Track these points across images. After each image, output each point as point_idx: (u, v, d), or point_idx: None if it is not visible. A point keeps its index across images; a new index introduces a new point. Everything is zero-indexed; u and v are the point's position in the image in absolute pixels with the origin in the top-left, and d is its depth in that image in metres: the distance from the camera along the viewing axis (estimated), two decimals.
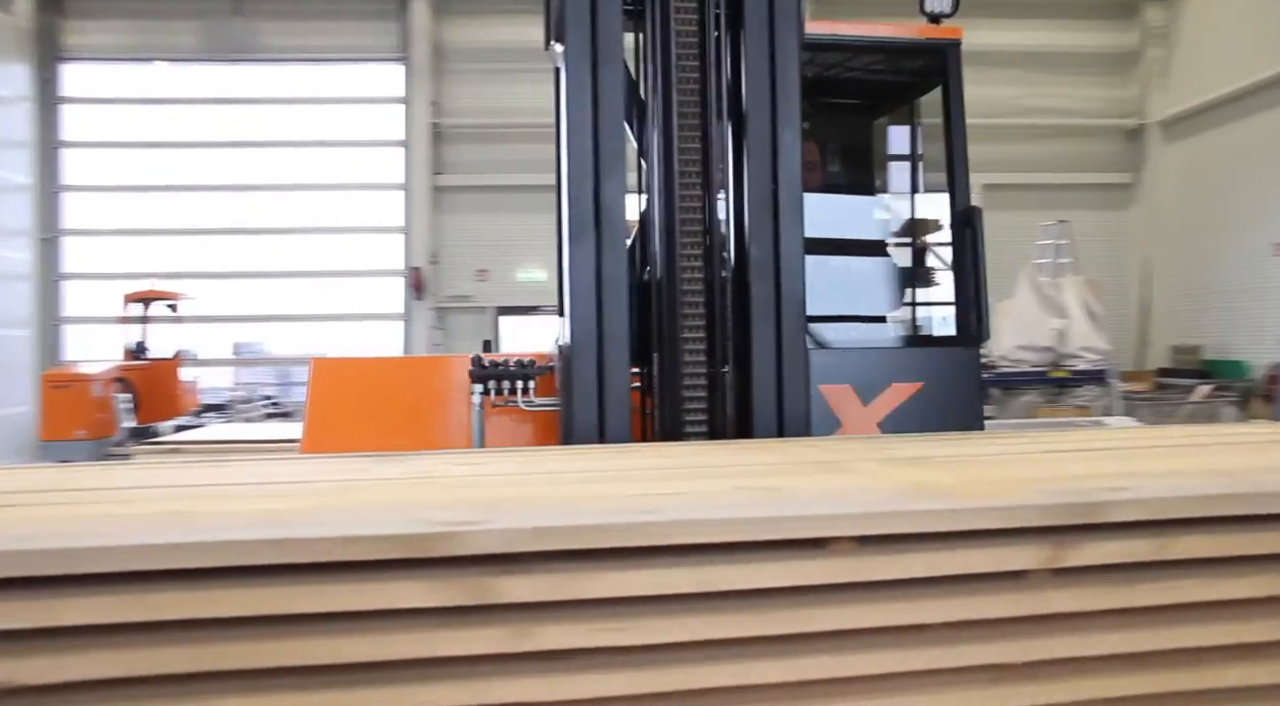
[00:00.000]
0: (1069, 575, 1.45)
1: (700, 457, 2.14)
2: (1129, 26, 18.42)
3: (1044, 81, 18.11)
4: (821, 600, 1.41)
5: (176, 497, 1.67)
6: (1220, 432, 2.78)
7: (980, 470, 1.84)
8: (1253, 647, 1.51)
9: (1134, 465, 1.96)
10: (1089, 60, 18.30)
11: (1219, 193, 15.93)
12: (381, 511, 1.45)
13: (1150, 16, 17.99)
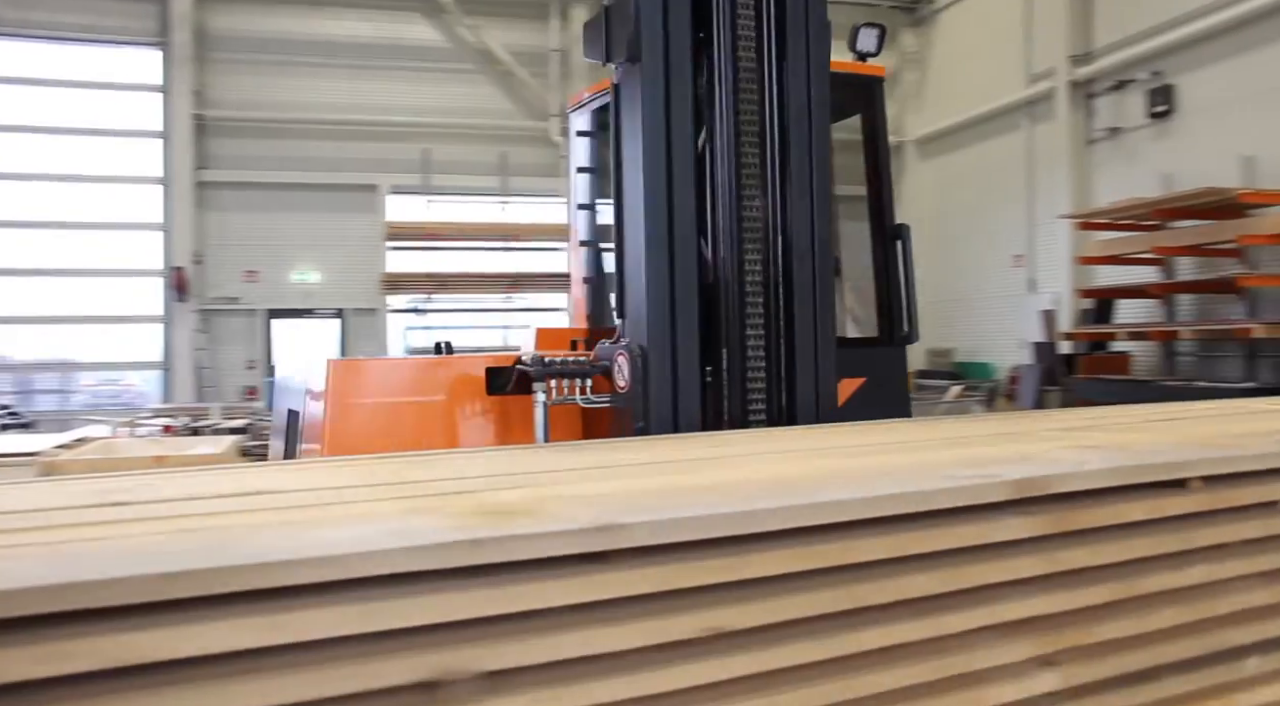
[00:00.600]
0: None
1: (819, 441, 2.26)
2: (888, 51, 19.62)
3: None
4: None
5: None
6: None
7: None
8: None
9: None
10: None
11: (967, 207, 17.23)
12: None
13: (906, 42, 19.25)
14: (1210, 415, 2.78)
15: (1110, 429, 2.43)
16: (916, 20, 19.19)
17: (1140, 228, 12.14)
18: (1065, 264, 14.36)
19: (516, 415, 3.16)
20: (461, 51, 17.32)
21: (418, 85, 17.01)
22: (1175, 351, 12.79)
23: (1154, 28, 12.94)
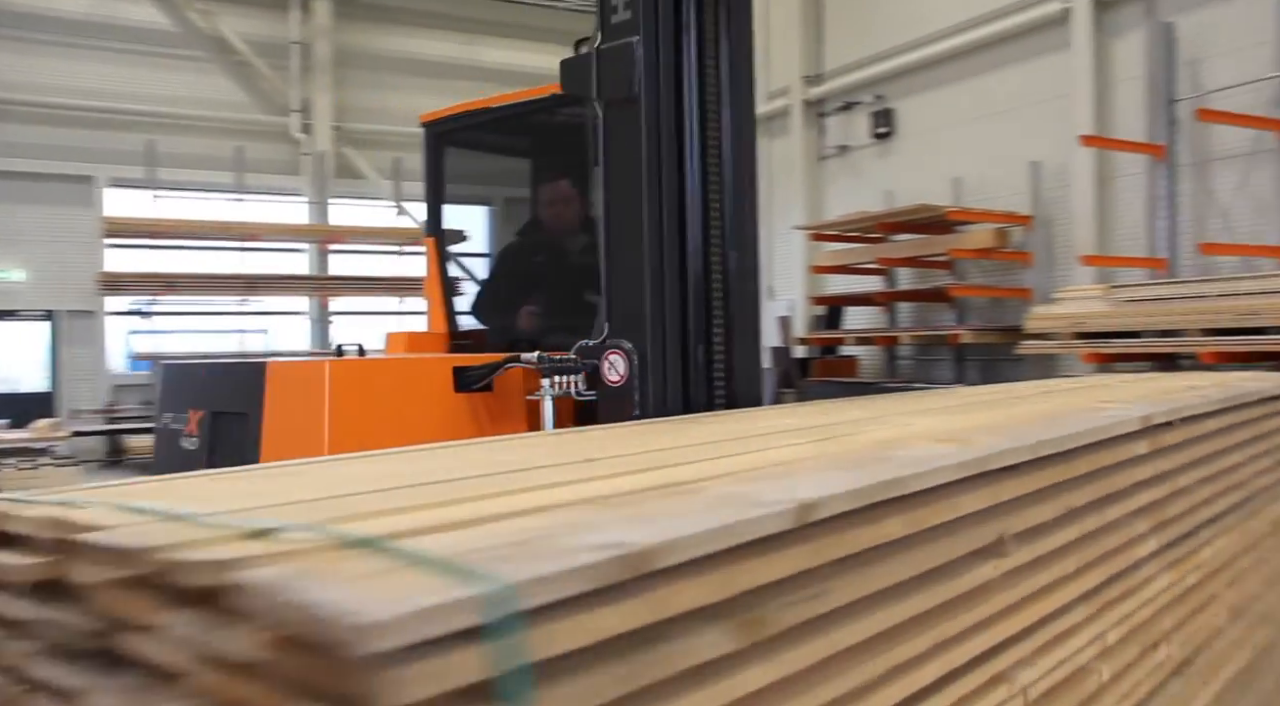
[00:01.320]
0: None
1: (806, 419, 2.43)
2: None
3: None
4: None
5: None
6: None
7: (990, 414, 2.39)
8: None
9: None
10: None
11: None
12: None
13: None
14: (1028, 395, 3.11)
15: (1000, 406, 2.69)
16: None
17: (865, 240, 13.05)
18: (800, 272, 15.20)
19: (484, 410, 3.42)
20: (192, 37, 16.21)
21: (141, 70, 15.75)
22: (896, 355, 13.84)
23: (876, 55, 13.96)
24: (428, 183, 4.38)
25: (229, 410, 3.28)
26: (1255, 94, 9.74)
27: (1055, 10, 11.69)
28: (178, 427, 3.34)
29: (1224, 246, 9.74)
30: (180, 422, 3.33)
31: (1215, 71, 10.23)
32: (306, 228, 16.60)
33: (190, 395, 3.41)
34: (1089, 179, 11.27)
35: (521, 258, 4.74)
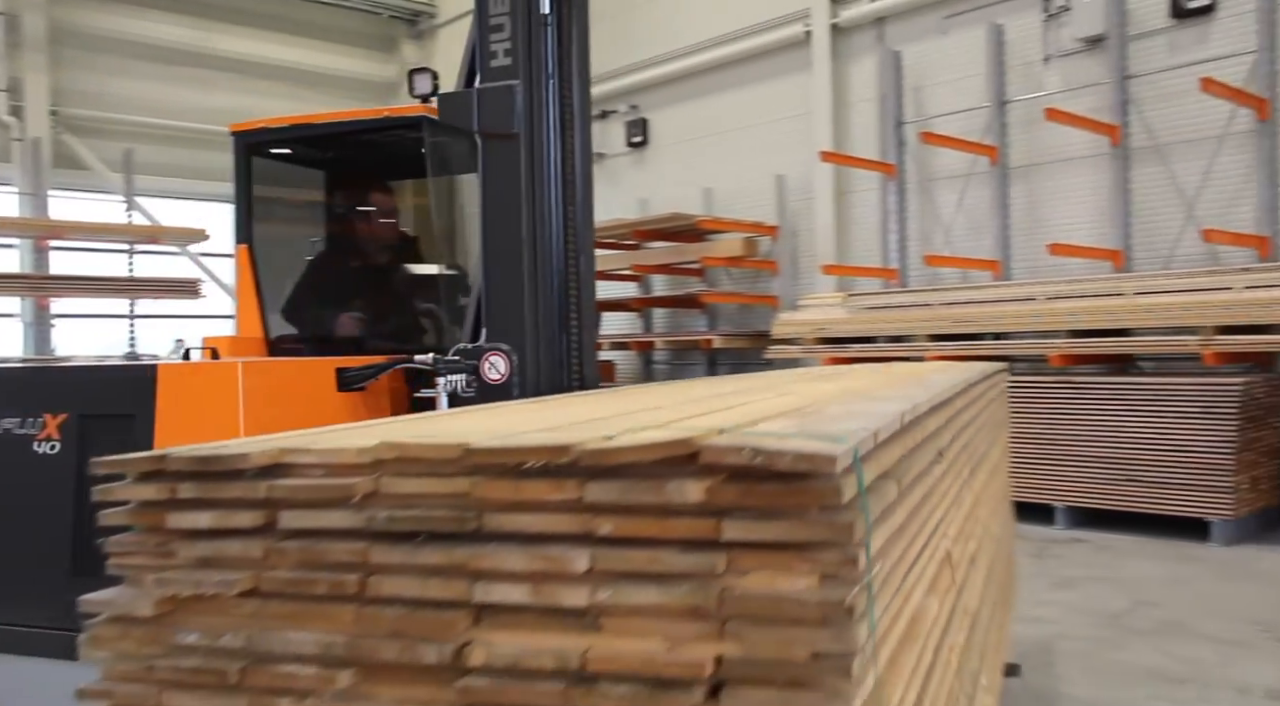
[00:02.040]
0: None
1: (672, 395, 2.53)
2: (390, 59, 19.57)
3: (313, 100, 18.39)
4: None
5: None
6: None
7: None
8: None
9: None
10: (355, 86, 19.03)
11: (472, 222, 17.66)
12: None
13: (407, 53, 19.35)
14: (822, 376, 3.48)
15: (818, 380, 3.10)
16: (418, 33, 19.36)
17: (621, 246, 13.27)
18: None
19: (363, 408, 3.66)
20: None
21: None
22: (652, 359, 14.16)
23: (631, 65, 14.23)
24: (237, 191, 4.53)
25: (105, 412, 3.28)
26: (971, 120, 10.66)
27: (798, 32, 12.32)
28: (25, 432, 3.28)
29: (945, 259, 10.59)
30: (28, 427, 3.27)
31: (937, 98, 11.11)
32: (19, 221, 15.00)
33: (40, 399, 3.32)
34: (829, 193, 11.96)
35: (336, 266, 4.80)
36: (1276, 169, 8.58)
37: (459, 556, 1.40)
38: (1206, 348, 7.81)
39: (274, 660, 1.50)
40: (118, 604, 1.60)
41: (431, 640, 1.41)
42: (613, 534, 1.33)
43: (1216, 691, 4.43)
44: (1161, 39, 9.35)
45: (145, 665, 1.58)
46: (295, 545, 1.50)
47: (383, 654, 1.44)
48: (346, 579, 1.46)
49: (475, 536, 1.40)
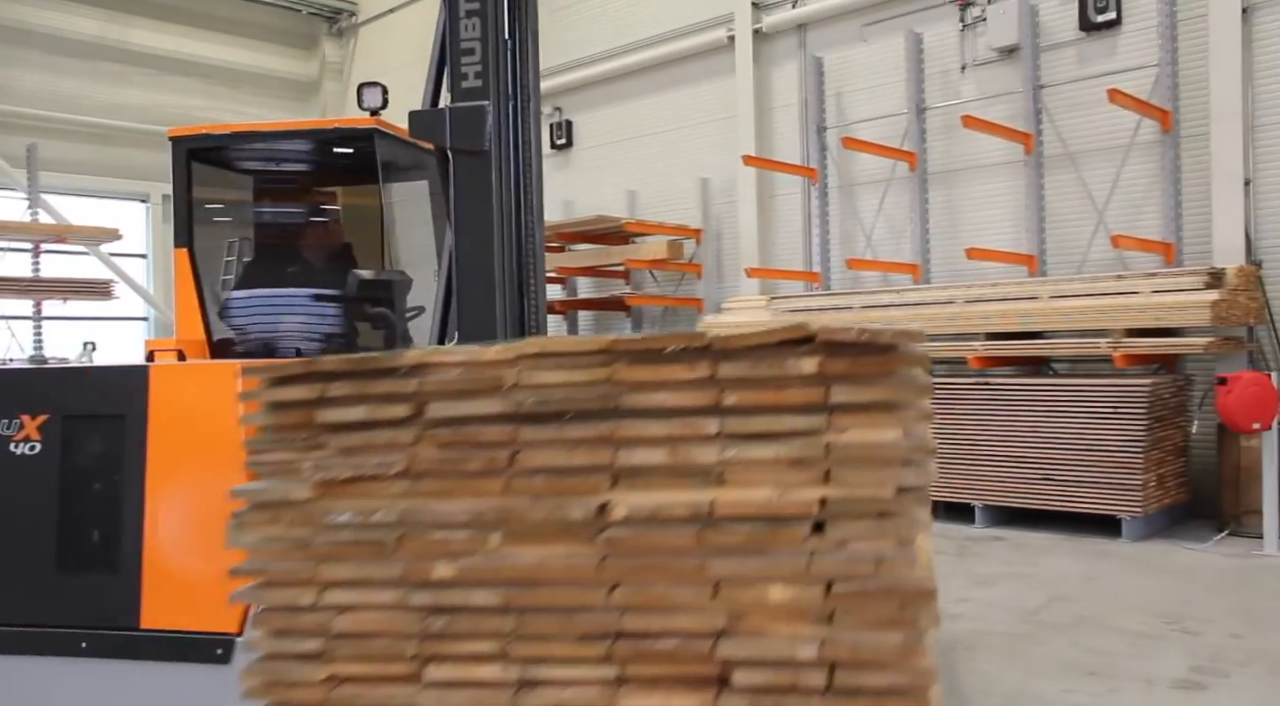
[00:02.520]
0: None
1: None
2: (310, 57, 19.22)
3: (230, 97, 17.96)
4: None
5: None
6: None
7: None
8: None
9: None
10: (274, 83, 18.64)
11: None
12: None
13: (328, 51, 19.01)
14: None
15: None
16: (339, 30, 19.04)
17: (546, 249, 13.17)
18: None
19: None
20: None
21: None
22: None
23: (555, 67, 14.15)
24: (176, 195, 4.56)
25: (92, 413, 3.31)
26: (891, 126, 10.84)
27: (721, 37, 12.40)
28: (2, 434, 3.31)
29: (866, 262, 10.75)
30: (5, 429, 3.31)
31: (858, 104, 11.28)
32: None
33: (20, 400, 3.35)
34: (752, 197, 12.05)
35: (274, 270, 4.82)
36: (1180, 178, 8.89)
37: (602, 429, 1.77)
38: (1116, 350, 8.05)
39: (427, 528, 1.83)
40: (266, 493, 1.93)
41: (577, 501, 1.76)
42: (738, 404, 1.72)
43: (1127, 683, 4.56)
44: (1071, 50, 9.62)
45: (298, 543, 1.89)
46: (446, 431, 1.85)
47: (532, 515, 1.79)
48: (497, 455, 1.81)
49: (615, 413, 1.77)
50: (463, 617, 1.83)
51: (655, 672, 1.74)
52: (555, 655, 1.80)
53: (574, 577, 1.77)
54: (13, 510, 3.26)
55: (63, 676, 3.14)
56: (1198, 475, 8.60)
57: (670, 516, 1.70)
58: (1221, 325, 7.79)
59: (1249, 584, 6.38)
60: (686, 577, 1.72)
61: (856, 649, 1.65)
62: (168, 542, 3.17)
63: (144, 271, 16.85)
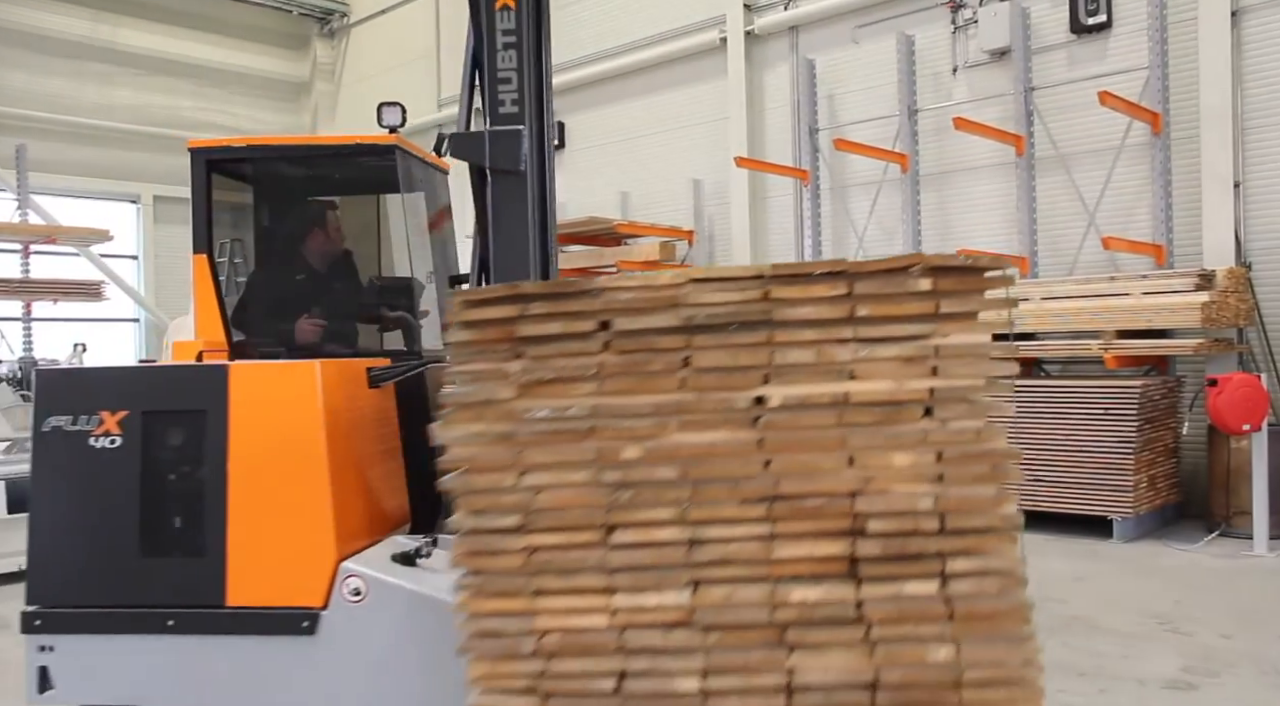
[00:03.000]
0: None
1: None
2: (301, 58, 19.18)
3: (220, 98, 17.91)
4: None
5: None
6: None
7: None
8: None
9: None
10: (265, 84, 18.60)
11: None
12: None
13: (319, 52, 18.98)
14: None
15: None
16: (330, 31, 19.00)
17: None
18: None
19: (385, 400, 4.00)
20: None
21: None
22: None
23: None
24: (195, 203, 4.55)
25: (173, 409, 3.56)
26: (883, 128, 10.86)
27: (713, 39, 12.42)
28: (81, 429, 3.49)
29: None
30: (85, 424, 3.50)
31: (850, 105, 11.30)
32: None
33: (98, 397, 3.55)
34: (744, 198, 12.06)
35: (285, 276, 5.05)
36: (1170, 180, 8.93)
37: (760, 337, 2.30)
38: (1108, 351, 8.08)
39: (616, 419, 2.31)
40: (471, 395, 2.39)
41: (740, 393, 2.30)
42: (868, 315, 2.27)
43: (1118, 683, 4.58)
44: (1062, 53, 9.65)
45: (501, 436, 2.34)
46: (629, 341, 2.34)
47: (703, 406, 2.31)
48: (673, 359, 2.32)
49: (770, 323, 2.29)
50: (646, 490, 2.31)
51: (804, 528, 2.30)
52: (722, 517, 2.30)
53: (738, 454, 2.30)
54: (95, 500, 3.45)
55: (150, 653, 3.38)
56: (1188, 476, 8.64)
57: (815, 403, 2.28)
58: (1211, 327, 7.83)
59: (1239, 584, 6.40)
60: (828, 450, 2.29)
61: (961, 500, 2.27)
62: (251, 526, 3.39)
63: (135, 273, 16.79)
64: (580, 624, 2.31)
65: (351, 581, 3.35)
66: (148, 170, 16.95)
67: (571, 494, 2.33)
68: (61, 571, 3.45)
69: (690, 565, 2.29)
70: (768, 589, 2.27)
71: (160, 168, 17.09)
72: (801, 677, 2.24)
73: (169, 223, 17.09)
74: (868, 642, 2.24)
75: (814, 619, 2.26)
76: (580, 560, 2.32)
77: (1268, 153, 8.49)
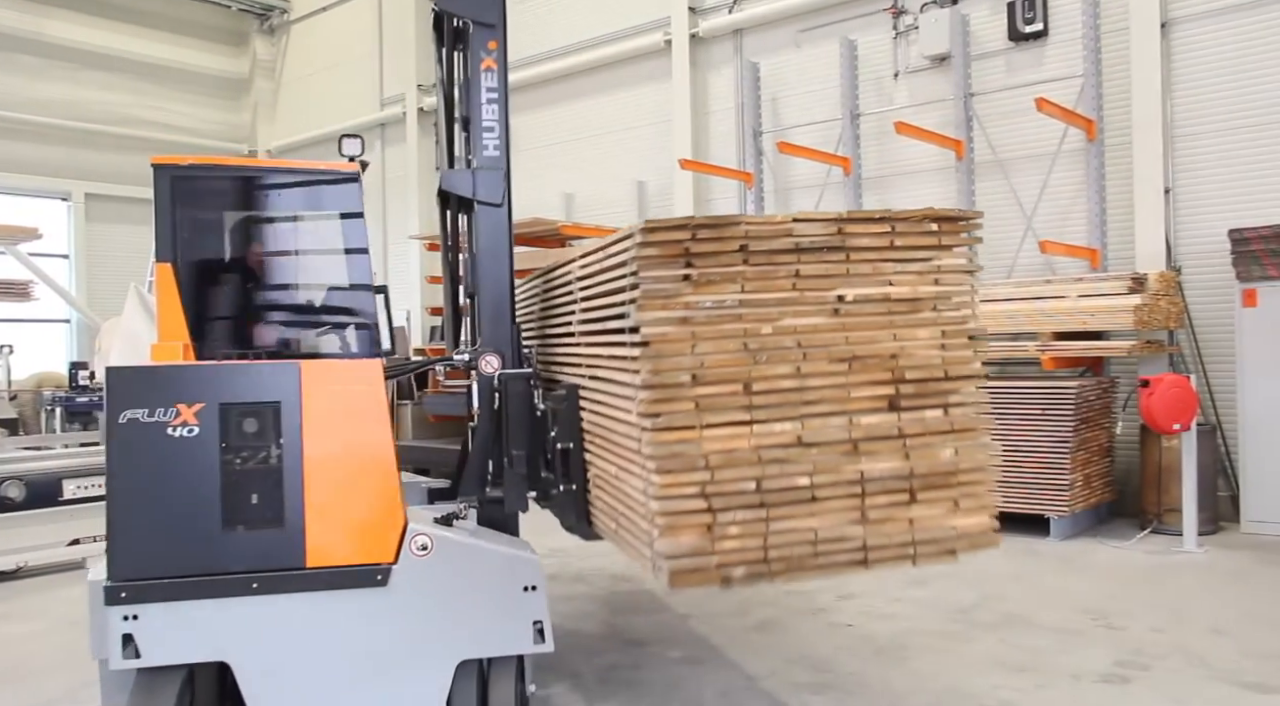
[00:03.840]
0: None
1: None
2: (241, 54, 18.85)
3: (157, 94, 17.54)
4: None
5: None
6: None
7: None
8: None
9: None
10: (203, 80, 18.25)
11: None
12: None
13: (259, 49, 18.67)
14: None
15: None
16: (270, 28, 18.71)
17: None
18: (416, 282, 14.97)
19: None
20: None
21: None
22: None
23: None
24: (159, 215, 4.82)
25: (249, 401, 4.06)
26: (825, 131, 10.96)
27: (658, 41, 12.44)
28: (159, 421, 3.93)
29: None
30: (162, 416, 3.94)
31: (793, 109, 11.39)
32: None
33: (172, 392, 3.98)
34: (689, 200, 12.10)
35: (224, 283, 5.32)
36: (1104, 186, 9.13)
37: (840, 256, 3.53)
38: (1045, 353, 8.23)
39: (754, 307, 3.45)
40: (656, 290, 3.37)
41: (828, 292, 3.51)
42: (901, 245, 3.57)
43: (1054, 678, 4.66)
44: (1001, 60, 9.83)
45: (679, 319, 3.39)
46: (760, 257, 3.45)
47: (807, 300, 3.49)
48: (788, 269, 3.48)
49: (845, 247, 3.52)
50: (775, 354, 3.44)
51: (867, 378, 3.53)
52: (818, 371, 3.48)
53: (829, 331, 3.51)
54: (176, 482, 3.91)
55: (233, 613, 3.91)
56: (1122, 475, 8.84)
57: (871, 299, 3.55)
58: (1144, 329, 8.02)
59: (1169, 580, 6.56)
60: (880, 329, 3.56)
61: (955, 359, 3.64)
62: (327, 498, 4.00)
63: (66, 272, 16.36)
64: (732, 446, 3.38)
65: (419, 539, 4.03)
66: (80, 167, 16.54)
67: (726, 358, 3.39)
68: (145, 547, 3.87)
69: (800, 403, 3.47)
70: (846, 419, 3.50)
71: (93, 164, 16.71)
72: (868, 473, 3.49)
73: (102, 221, 16.70)
74: (905, 450, 3.54)
75: (874, 436, 3.53)
76: (732, 402, 3.39)
77: (1196, 160, 8.72)
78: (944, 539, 3.68)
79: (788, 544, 3.47)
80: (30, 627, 6.20)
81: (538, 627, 4.08)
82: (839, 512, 3.49)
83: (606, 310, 3.86)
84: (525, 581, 4.13)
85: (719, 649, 5.26)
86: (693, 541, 3.36)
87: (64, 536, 7.84)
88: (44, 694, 4.94)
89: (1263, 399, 7.94)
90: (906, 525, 3.59)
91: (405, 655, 4.07)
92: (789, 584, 4.14)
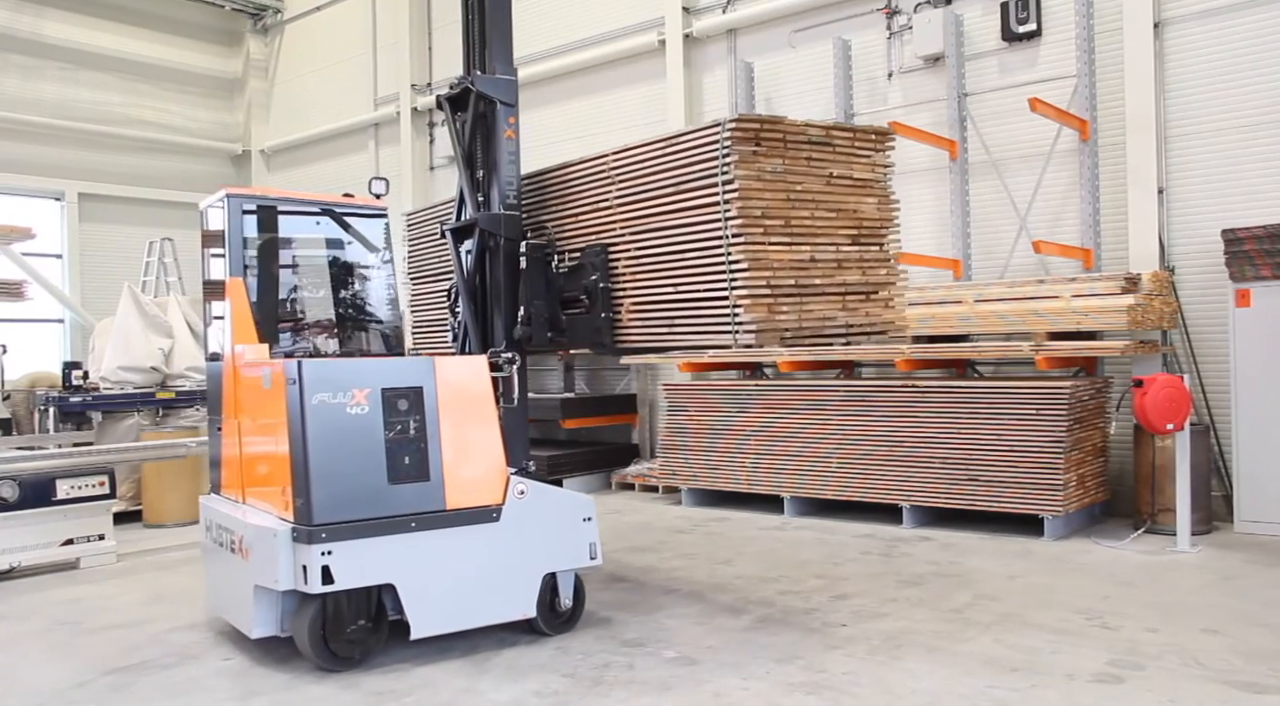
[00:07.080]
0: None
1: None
2: (234, 54, 18.81)
3: (151, 93, 17.51)
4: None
5: None
6: None
7: None
8: None
9: None
10: (197, 80, 18.22)
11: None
12: None
13: (253, 49, 18.63)
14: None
15: None
16: (264, 28, 18.67)
17: None
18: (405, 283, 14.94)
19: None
20: None
21: None
22: None
23: None
24: (230, 238, 6.27)
25: (401, 386, 5.26)
26: None
27: (652, 41, 12.43)
28: (339, 402, 5.08)
29: None
30: (341, 398, 5.09)
31: (787, 109, 11.38)
32: None
33: (348, 381, 5.12)
34: None
35: (278, 294, 6.75)
36: (1098, 186, 9.15)
37: (829, 148, 5.49)
38: (1038, 353, 8.24)
39: (790, 175, 5.25)
40: (741, 164, 5.05)
41: (823, 171, 5.46)
42: (854, 145, 5.59)
43: (1048, 677, 4.66)
44: (994, 60, 9.84)
45: (756, 175, 5.09)
46: (792, 145, 5.27)
47: (813, 173, 5.40)
48: (804, 153, 5.33)
49: (830, 143, 5.51)
50: (800, 204, 5.26)
51: (846, 223, 5.49)
52: (820, 216, 5.34)
53: (823, 192, 5.38)
54: (354, 449, 5.05)
55: (398, 546, 5.08)
56: (1115, 475, 8.86)
57: (845, 176, 5.51)
58: (1137, 329, 8.03)
59: (1163, 579, 6.57)
60: (847, 194, 5.52)
61: (880, 212, 5.71)
62: (456, 457, 5.30)
63: (60, 272, 16.32)
64: (781, 258, 5.11)
65: (517, 485, 5.44)
66: (73, 166, 16.51)
67: (778, 202, 5.15)
68: (333, 498, 4.96)
69: (811, 235, 5.29)
70: (834, 246, 5.39)
71: (87, 164, 16.68)
72: (846, 281, 5.45)
73: (95, 221, 16.66)
74: (862, 269, 5.52)
75: (848, 259, 5.45)
76: (780, 230, 5.14)
77: (1190, 160, 8.74)
78: (882, 323, 5.60)
79: (809, 321, 5.21)
80: (23, 628, 6.19)
81: (591, 547, 5.62)
82: (833, 302, 5.36)
83: (667, 188, 5.45)
84: (584, 514, 5.64)
85: (714, 648, 5.26)
86: (763, 314, 4.99)
87: (57, 536, 7.84)
88: (35, 696, 4.92)
89: (1256, 399, 7.96)
90: (865, 313, 5.50)
91: (511, 570, 5.38)
92: (809, 344, 5.51)
